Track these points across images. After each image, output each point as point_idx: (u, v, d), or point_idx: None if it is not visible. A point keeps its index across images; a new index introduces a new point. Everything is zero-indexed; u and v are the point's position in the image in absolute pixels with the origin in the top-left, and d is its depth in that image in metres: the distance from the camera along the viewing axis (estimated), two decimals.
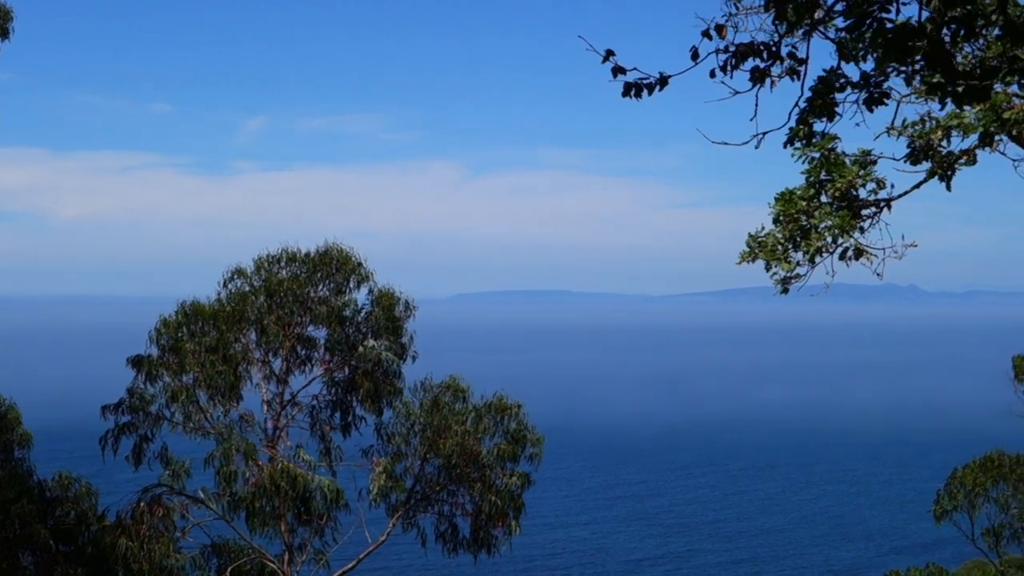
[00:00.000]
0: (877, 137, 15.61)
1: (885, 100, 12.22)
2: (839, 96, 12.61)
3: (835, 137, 14.74)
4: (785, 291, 15.92)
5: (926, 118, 15.32)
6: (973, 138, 14.90)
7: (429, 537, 37.04)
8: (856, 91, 12.14)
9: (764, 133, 13.03)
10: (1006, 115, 14.34)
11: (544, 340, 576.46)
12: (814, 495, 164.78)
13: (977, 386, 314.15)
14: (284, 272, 37.07)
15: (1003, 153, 15.77)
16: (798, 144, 14.70)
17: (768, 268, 15.65)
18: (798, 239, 14.98)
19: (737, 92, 11.83)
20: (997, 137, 14.84)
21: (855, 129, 14.12)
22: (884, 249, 14.94)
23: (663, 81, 11.61)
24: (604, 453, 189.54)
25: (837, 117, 12.48)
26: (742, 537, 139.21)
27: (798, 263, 15.49)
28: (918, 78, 14.39)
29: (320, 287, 37.10)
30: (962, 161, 15.16)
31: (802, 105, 12.14)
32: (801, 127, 12.37)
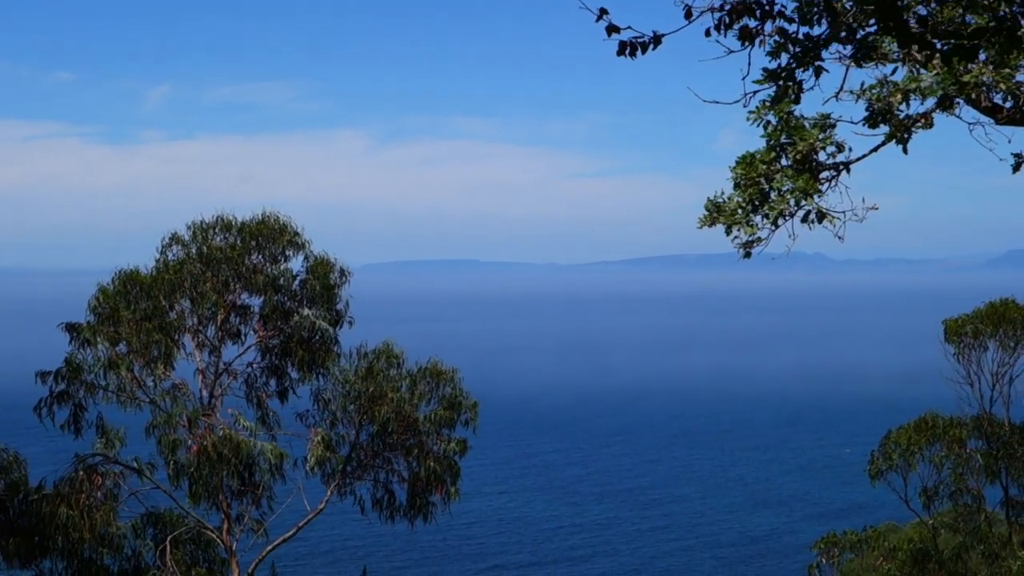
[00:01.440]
0: (826, 101, 15.70)
1: (873, 56, 12.31)
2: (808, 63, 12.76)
3: (793, 100, 14.83)
4: (747, 255, 16.02)
5: (884, 81, 15.46)
6: (930, 101, 15.07)
7: (366, 505, 37.02)
8: (844, 46, 12.21)
9: (754, 92, 13.09)
10: (965, 78, 14.51)
11: (455, 310, 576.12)
12: (728, 462, 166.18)
13: (888, 353, 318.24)
14: (219, 240, 36.85)
15: (959, 116, 15.99)
16: (754, 108, 14.79)
17: (728, 232, 15.74)
18: (757, 203, 15.07)
19: (731, 51, 11.88)
20: (956, 100, 15.06)
21: (806, 93, 14.23)
22: (844, 212, 15.09)
23: (656, 40, 11.62)
24: (519, 423, 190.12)
25: (824, 72, 12.54)
26: (657, 505, 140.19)
27: (758, 226, 15.57)
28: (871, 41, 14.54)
29: (255, 255, 36.87)
30: (919, 124, 15.33)
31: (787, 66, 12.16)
32: (789, 85, 12.40)
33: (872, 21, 14.12)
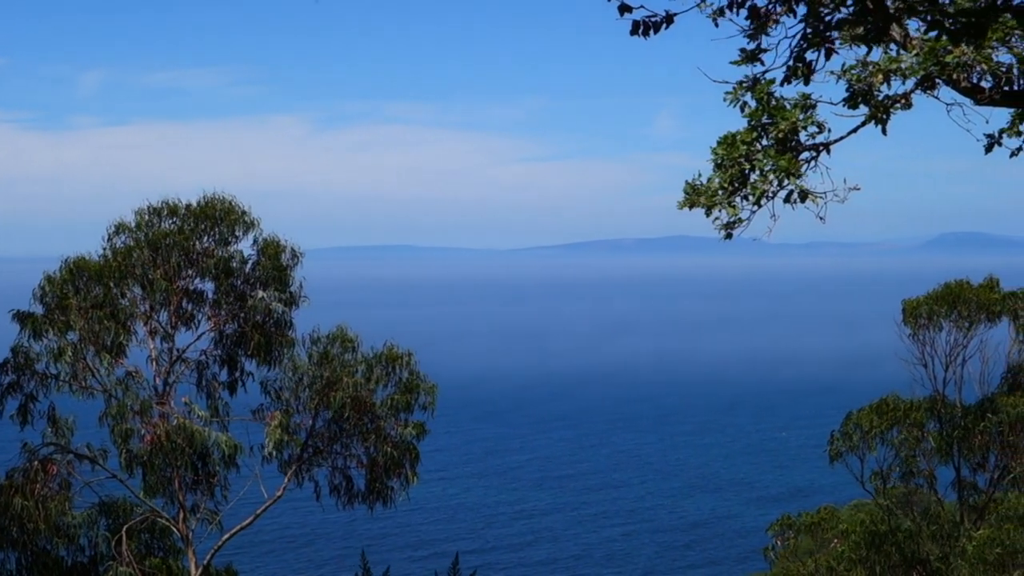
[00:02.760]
0: (780, 83, 15.60)
1: (885, 37, 12.24)
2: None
3: (772, 81, 14.74)
4: (728, 236, 15.94)
5: (864, 62, 15.35)
6: (911, 82, 15.02)
7: (323, 491, 36.80)
8: (853, 28, 12.14)
9: (764, 71, 13.00)
10: (947, 59, 14.45)
11: (392, 296, 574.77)
12: (668, 447, 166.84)
13: (825, 337, 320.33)
14: (167, 224, 36.46)
15: (936, 97, 15.91)
16: (731, 89, 14.72)
17: (708, 214, 15.63)
18: (738, 184, 14.98)
19: (743, 30, 11.78)
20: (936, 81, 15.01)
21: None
22: (826, 193, 15.01)
23: (669, 19, 11.51)
24: (458, 409, 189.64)
25: (834, 54, 12.48)
26: (598, 491, 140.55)
27: (739, 207, 15.48)
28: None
29: (205, 238, 36.52)
30: (898, 105, 15.27)
31: (798, 48, 12.09)
32: (799, 65, 12.32)
33: (849, 1, 14.03)
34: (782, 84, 13.61)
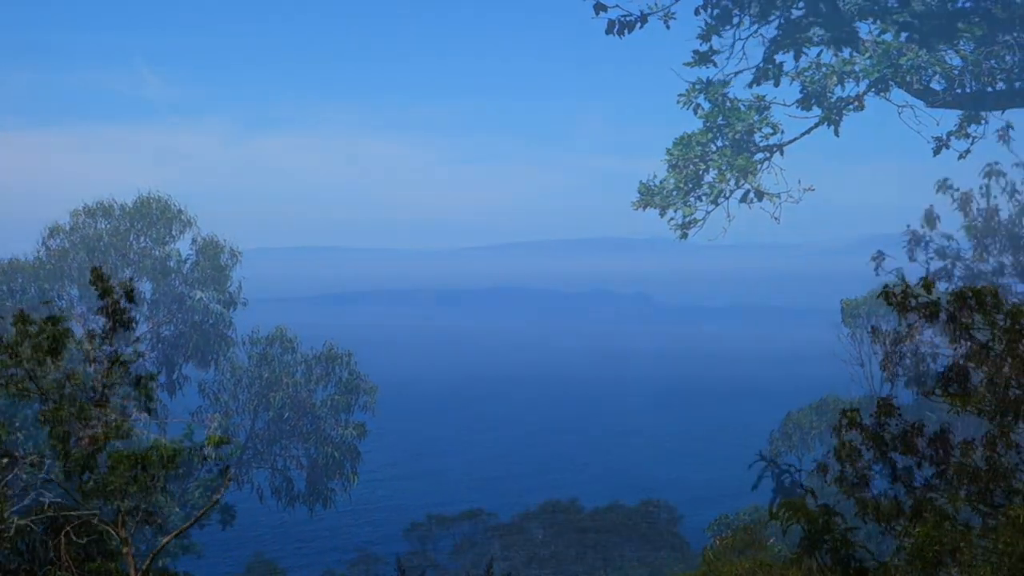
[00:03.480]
0: (750, 85, 15.63)
1: (854, 40, 12.33)
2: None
3: (728, 83, 14.83)
4: (684, 236, 15.97)
5: (818, 64, 15.44)
6: (864, 83, 15.17)
7: (265, 492, 36.59)
8: (824, 31, 12.22)
9: (736, 73, 13.09)
10: (901, 60, 14.57)
11: (321, 298, 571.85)
12: (601, 448, 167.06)
13: (757, 336, 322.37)
14: (102, 225, 36.15)
15: (888, 99, 16.06)
16: (684, 91, 14.79)
17: (663, 214, 15.67)
18: (692, 184, 15.04)
19: (703, 28, 11.82)
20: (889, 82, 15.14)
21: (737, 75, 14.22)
22: (780, 194, 15.09)
23: (644, 19, 11.57)
24: (387, 411, 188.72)
25: (803, 55, 12.57)
26: (529, 493, 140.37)
27: (695, 207, 15.52)
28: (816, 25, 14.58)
29: (142, 238, 36.24)
30: (851, 107, 15.42)
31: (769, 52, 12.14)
32: (769, 67, 12.41)
33: (801, 4, 14.14)
34: (750, 86, 13.71)
